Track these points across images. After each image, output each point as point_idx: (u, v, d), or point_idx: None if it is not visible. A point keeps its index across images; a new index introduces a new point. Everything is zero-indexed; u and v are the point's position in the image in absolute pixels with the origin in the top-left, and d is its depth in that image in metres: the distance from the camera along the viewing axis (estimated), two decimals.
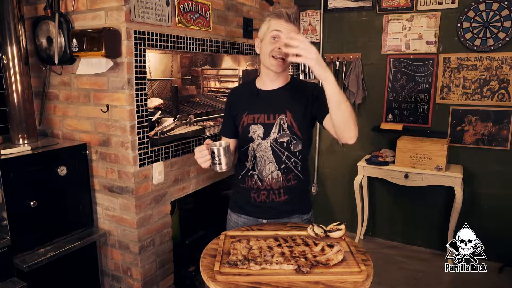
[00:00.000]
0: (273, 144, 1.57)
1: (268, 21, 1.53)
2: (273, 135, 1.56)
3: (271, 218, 1.64)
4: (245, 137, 1.60)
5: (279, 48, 1.46)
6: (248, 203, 1.65)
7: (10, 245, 1.72)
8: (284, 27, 1.47)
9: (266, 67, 1.57)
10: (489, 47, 2.94)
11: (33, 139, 2.04)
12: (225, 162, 1.44)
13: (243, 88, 1.79)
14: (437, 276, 2.95)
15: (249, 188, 1.63)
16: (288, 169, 1.59)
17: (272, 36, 1.49)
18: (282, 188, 1.60)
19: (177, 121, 2.41)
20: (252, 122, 1.58)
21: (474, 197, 3.16)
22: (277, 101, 1.58)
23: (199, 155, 1.47)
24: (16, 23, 1.90)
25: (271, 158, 1.58)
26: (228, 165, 1.45)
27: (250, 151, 1.60)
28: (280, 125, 1.55)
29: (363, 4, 3.31)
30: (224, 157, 1.43)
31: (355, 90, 3.39)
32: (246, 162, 1.62)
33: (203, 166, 1.48)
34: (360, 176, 3.26)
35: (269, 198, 1.61)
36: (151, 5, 1.94)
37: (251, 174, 1.62)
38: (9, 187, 1.72)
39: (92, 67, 1.93)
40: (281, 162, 1.58)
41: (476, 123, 3.08)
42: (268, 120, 1.57)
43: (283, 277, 1.16)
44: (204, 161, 1.46)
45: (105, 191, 2.10)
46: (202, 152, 1.46)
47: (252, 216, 1.66)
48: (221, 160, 1.43)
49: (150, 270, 2.14)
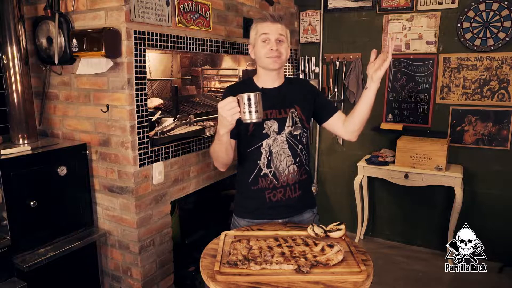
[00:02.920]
0: (289, 138, 1.59)
1: (255, 27, 1.60)
2: (287, 128, 1.59)
3: (286, 217, 1.64)
4: (258, 134, 1.58)
5: (271, 49, 1.53)
6: (263, 205, 1.62)
7: (10, 245, 1.72)
8: (271, 28, 1.55)
9: (264, 68, 1.61)
10: (489, 47, 2.94)
11: (33, 139, 2.04)
12: (260, 110, 1.33)
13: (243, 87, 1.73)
14: (437, 276, 2.95)
15: (263, 188, 1.60)
16: (301, 163, 1.63)
17: (262, 40, 1.56)
18: (297, 183, 1.62)
19: (177, 121, 2.41)
20: (266, 118, 1.57)
21: (474, 197, 3.16)
22: (284, 96, 1.63)
23: (227, 107, 1.32)
24: (16, 23, 1.90)
25: (287, 152, 1.59)
26: (261, 114, 1.34)
27: (264, 148, 1.58)
28: (293, 118, 1.60)
29: (363, 4, 3.31)
30: (260, 105, 1.32)
31: (355, 90, 3.39)
32: (259, 160, 1.59)
33: (231, 120, 1.33)
34: (360, 176, 3.26)
35: (285, 196, 1.61)
36: (151, 5, 1.94)
37: (264, 173, 1.60)
38: (9, 187, 1.72)
39: (92, 67, 1.93)
40: (296, 155, 1.61)
41: (476, 123, 3.08)
42: (280, 115, 1.59)
43: (283, 277, 1.16)
44: (233, 113, 1.32)
45: (105, 191, 2.10)
46: (231, 103, 1.31)
47: (267, 218, 1.64)
48: (257, 107, 1.31)
49: (150, 270, 2.14)
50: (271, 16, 1.55)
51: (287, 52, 1.60)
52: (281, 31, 1.56)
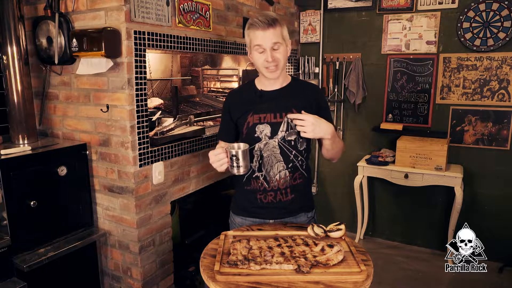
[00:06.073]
0: (281, 143, 1.57)
1: (247, 34, 1.55)
2: (280, 133, 1.56)
3: (277, 218, 1.64)
4: (251, 137, 1.59)
5: (267, 60, 1.50)
6: (255, 205, 1.64)
7: (10, 245, 1.72)
8: (264, 37, 1.49)
9: (264, 76, 1.60)
10: (489, 47, 2.94)
11: (33, 139, 2.04)
12: (244, 165, 1.42)
13: (243, 90, 1.78)
14: (437, 276, 2.95)
15: (255, 190, 1.62)
16: (295, 168, 1.60)
17: (257, 50, 1.53)
18: (289, 187, 1.60)
19: (177, 121, 2.41)
20: (258, 121, 1.57)
21: (474, 197, 3.16)
22: (282, 100, 1.59)
23: (215, 158, 1.45)
24: (16, 23, 1.90)
25: (279, 157, 1.58)
26: (247, 167, 1.44)
27: (256, 151, 1.59)
28: (288, 123, 1.56)
29: (363, 4, 3.31)
30: (244, 160, 1.41)
31: (355, 90, 3.39)
32: (251, 163, 1.60)
33: (219, 170, 1.46)
34: (360, 176, 3.26)
35: (276, 199, 1.60)
36: (151, 5, 1.94)
37: (256, 176, 1.60)
38: (9, 187, 1.72)
39: (92, 67, 1.93)
40: (289, 161, 1.58)
41: (476, 123, 3.08)
42: (275, 119, 1.57)
43: (283, 277, 1.16)
44: (221, 164, 1.44)
45: (105, 191, 2.10)
46: (219, 156, 1.44)
47: (259, 218, 1.65)
48: (240, 163, 1.41)
49: (150, 270, 2.14)
50: (262, 22, 1.47)
51: (285, 56, 1.55)
52: (275, 38, 1.49)
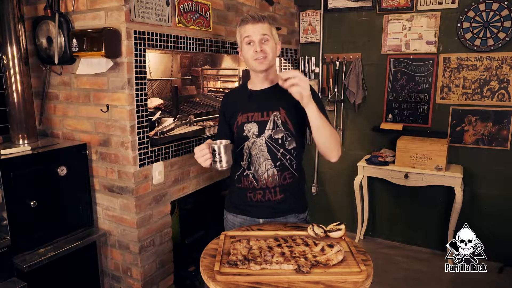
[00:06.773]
0: (268, 141, 1.59)
1: (238, 31, 1.61)
2: (267, 132, 1.58)
3: (267, 217, 1.65)
4: (240, 136, 1.63)
5: (256, 51, 1.53)
6: (245, 203, 1.66)
7: (10, 245, 1.72)
8: (253, 29, 1.54)
9: (253, 70, 1.62)
10: (489, 47, 2.94)
11: (33, 139, 2.04)
12: (225, 160, 1.45)
13: (236, 92, 1.86)
14: (437, 276, 2.95)
15: (245, 188, 1.65)
16: (284, 167, 1.60)
17: (246, 43, 1.56)
18: (278, 186, 1.61)
19: (177, 121, 2.41)
20: (246, 120, 1.61)
21: (474, 197, 3.16)
22: (269, 99, 1.61)
23: (199, 154, 1.49)
24: (16, 23, 1.90)
25: (266, 156, 1.59)
26: (229, 163, 1.47)
27: (245, 150, 1.62)
28: (274, 121, 1.58)
29: (363, 4, 3.31)
30: (225, 155, 1.44)
31: (355, 90, 3.39)
32: (241, 161, 1.64)
33: (204, 165, 1.49)
34: (360, 176, 3.26)
35: (265, 197, 1.62)
36: (151, 5, 1.94)
37: (246, 174, 1.64)
38: (9, 187, 1.72)
39: (92, 67, 1.93)
40: (276, 159, 1.59)
41: (476, 123, 3.08)
42: (262, 118, 1.59)
43: (283, 277, 1.16)
44: (205, 160, 1.48)
45: (105, 191, 2.10)
46: (203, 151, 1.48)
47: (249, 216, 1.67)
48: (222, 157, 1.44)
49: (150, 270, 2.14)
50: (251, 17, 1.54)
51: (273, 51, 1.57)
52: (264, 30, 1.54)
